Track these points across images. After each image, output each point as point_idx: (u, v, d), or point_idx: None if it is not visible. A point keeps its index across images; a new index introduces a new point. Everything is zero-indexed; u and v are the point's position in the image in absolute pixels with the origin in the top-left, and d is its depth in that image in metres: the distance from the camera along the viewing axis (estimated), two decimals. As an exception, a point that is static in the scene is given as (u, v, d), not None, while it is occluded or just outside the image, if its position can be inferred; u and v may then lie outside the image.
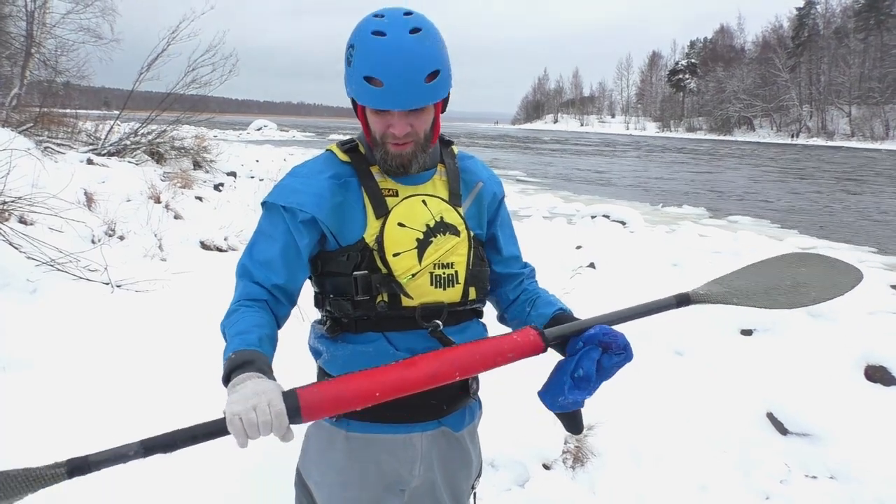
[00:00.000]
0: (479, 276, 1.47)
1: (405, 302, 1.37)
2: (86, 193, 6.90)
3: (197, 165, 12.78)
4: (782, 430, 3.44)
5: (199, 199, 9.30)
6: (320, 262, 1.44)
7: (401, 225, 1.38)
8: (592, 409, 3.41)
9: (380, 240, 1.36)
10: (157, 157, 12.22)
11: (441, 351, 1.28)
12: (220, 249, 6.45)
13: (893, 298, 6.25)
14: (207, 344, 3.99)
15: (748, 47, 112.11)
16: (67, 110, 14.51)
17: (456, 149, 1.58)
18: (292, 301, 1.46)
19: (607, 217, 12.10)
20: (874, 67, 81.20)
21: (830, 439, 3.34)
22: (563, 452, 3.04)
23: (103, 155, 11.06)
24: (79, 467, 1.08)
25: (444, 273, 1.40)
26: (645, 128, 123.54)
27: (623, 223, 11.61)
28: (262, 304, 1.38)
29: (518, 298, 1.60)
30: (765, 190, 22.04)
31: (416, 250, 1.37)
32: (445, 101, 1.44)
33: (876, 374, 4.07)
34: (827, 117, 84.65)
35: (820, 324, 5.21)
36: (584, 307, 5.55)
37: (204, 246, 6.45)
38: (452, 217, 1.44)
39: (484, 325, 1.55)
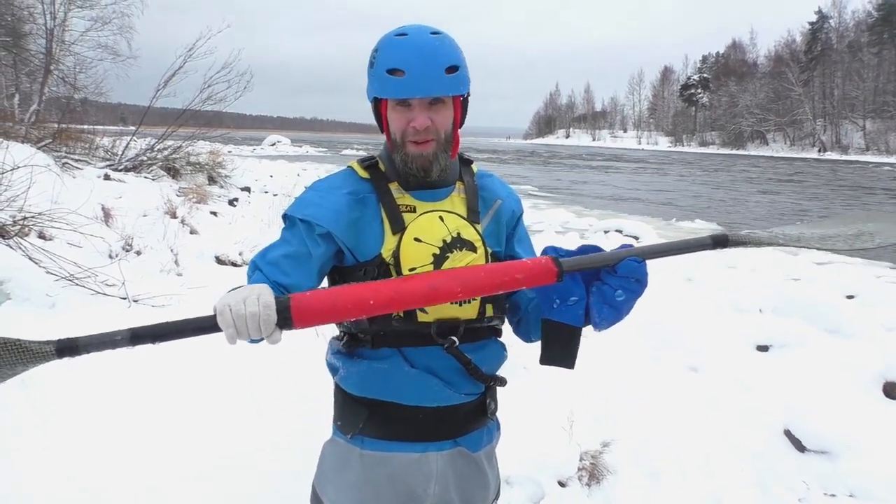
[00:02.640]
0: (497, 294, 1.47)
1: (421, 317, 1.37)
2: (103, 209, 6.98)
3: (212, 180, 12.90)
4: (800, 448, 3.41)
5: (214, 213, 9.37)
6: (338, 277, 1.46)
7: (417, 240, 1.39)
8: (608, 425, 3.41)
9: (396, 255, 1.38)
10: (173, 173, 12.35)
11: (446, 269, 1.29)
12: (234, 264, 6.49)
13: (912, 314, 6.16)
14: (224, 358, 4.03)
15: (760, 61, 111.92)
16: (85, 126, 14.73)
17: (475, 167, 1.60)
18: None
19: (620, 232, 12.09)
20: (888, 81, 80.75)
21: (849, 457, 3.30)
22: (579, 469, 3.02)
23: (120, 170, 11.21)
24: (68, 347, 1.12)
25: None
26: (657, 142, 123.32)
27: (636, 238, 11.58)
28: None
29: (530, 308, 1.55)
30: (777, 204, 21.92)
31: (432, 265, 1.38)
32: (464, 114, 1.47)
33: (895, 391, 4.03)
34: (841, 131, 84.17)
35: (837, 339, 5.16)
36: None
37: (219, 261, 6.49)
38: (469, 233, 1.44)
39: (503, 345, 1.55)
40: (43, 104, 14.99)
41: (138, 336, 1.12)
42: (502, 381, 1.53)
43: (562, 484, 2.99)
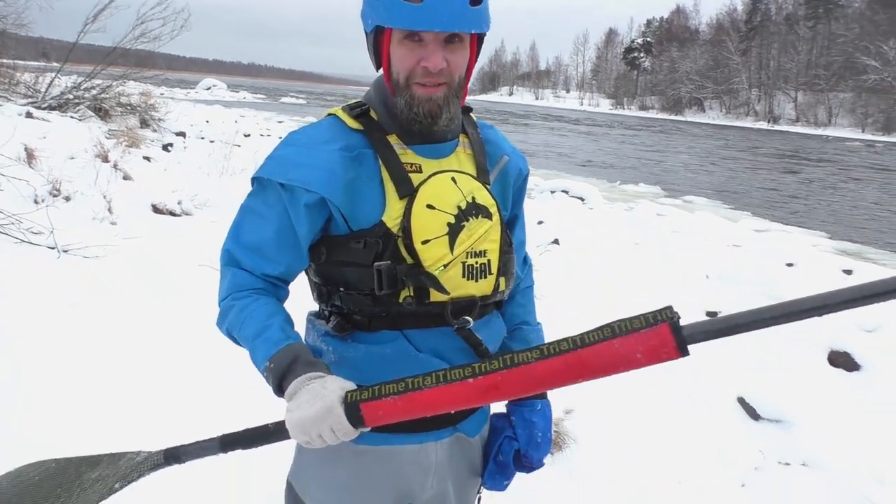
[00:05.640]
0: (508, 265, 1.30)
1: (434, 297, 1.18)
2: (26, 149, 6.46)
3: (144, 124, 12.22)
4: (754, 416, 3.44)
5: (147, 159, 8.84)
6: (325, 250, 1.23)
7: (430, 207, 1.18)
8: (570, 393, 3.35)
9: (405, 225, 1.17)
10: (102, 114, 11.64)
11: (524, 368, 0.99)
12: (173, 214, 6.13)
13: (847, 283, 6.36)
14: (160, 311, 3.78)
15: (702, 29, 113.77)
16: (4, 60, 13.68)
17: (474, 116, 1.40)
18: (289, 283, 1.29)
19: (566, 192, 12.05)
20: (821, 55, 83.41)
21: (800, 425, 3.35)
22: (542, 437, 2.95)
23: (44, 109, 10.47)
24: (174, 456, 1.20)
25: (476, 262, 1.22)
26: (599, 104, 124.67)
27: (582, 199, 11.59)
28: (258, 291, 1.21)
29: (505, 312, 1.43)
30: (715, 171, 22.44)
31: (447, 237, 1.18)
32: (478, 56, 1.27)
33: (839, 360, 4.12)
34: (774, 102, 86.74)
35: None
36: (554, 286, 5.41)
37: (156, 209, 6.11)
38: (484, 197, 1.25)
39: (500, 316, 1.40)
40: (-44, 34, 13.85)
41: (228, 443, 1.16)
42: None
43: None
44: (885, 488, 2.85)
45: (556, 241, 6.75)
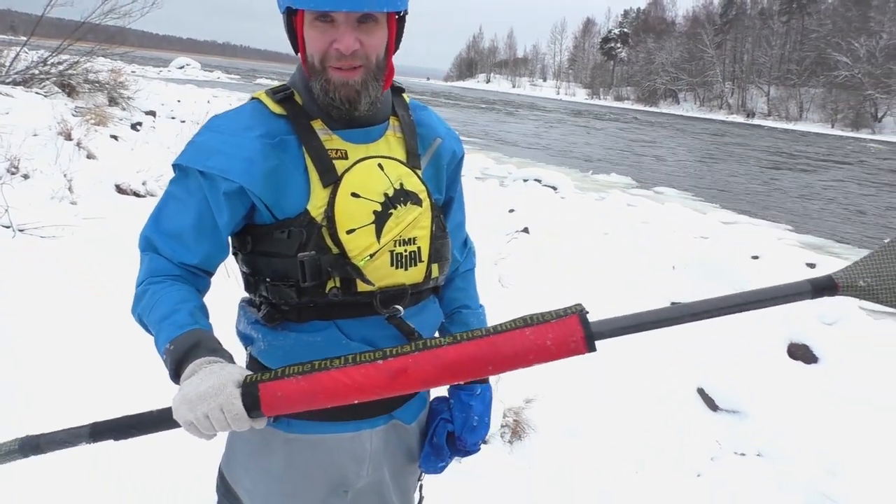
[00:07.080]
0: (441, 251, 1.28)
1: (361, 287, 1.16)
2: (-14, 125, 6.28)
3: (113, 102, 11.94)
4: (713, 407, 3.48)
5: (115, 137, 8.67)
6: (251, 239, 1.20)
7: (355, 195, 1.15)
8: (530, 382, 3.36)
9: (330, 214, 1.14)
10: (69, 90, 11.35)
11: (436, 351, 1.00)
12: (137, 194, 6.01)
13: (810, 274, 6.47)
14: (118, 295, 3.70)
15: (678, 21, 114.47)
16: (-34, 32, 13.29)
17: (407, 97, 1.36)
18: (210, 274, 1.24)
19: (539, 181, 12.08)
20: (794, 50, 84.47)
21: (758, 416, 3.40)
22: (502, 426, 2.96)
23: (8, 84, 10.18)
24: (32, 445, 1.06)
25: (405, 251, 1.19)
26: (575, 94, 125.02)
27: (554, 188, 11.63)
28: (174, 277, 1.16)
29: (443, 296, 1.43)
30: (687, 164, 22.65)
31: (373, 225, 1.16)
32: (399, 36, 1.22)
33: (798, 352, 4.19)
34: (747, 95, 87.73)
35: (745, 300, 5.33)
36: (521, 274, 5.39)
37: (119, 190, 5.98)
38: (413, 183, 1.22)
39: (437, 301, 1.39)
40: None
41: (98, 433, 1.04)
42: None
43: (484, 440, 2.91)
44: (837, 480, 2.90)
45: (525, 230, 6.76)
